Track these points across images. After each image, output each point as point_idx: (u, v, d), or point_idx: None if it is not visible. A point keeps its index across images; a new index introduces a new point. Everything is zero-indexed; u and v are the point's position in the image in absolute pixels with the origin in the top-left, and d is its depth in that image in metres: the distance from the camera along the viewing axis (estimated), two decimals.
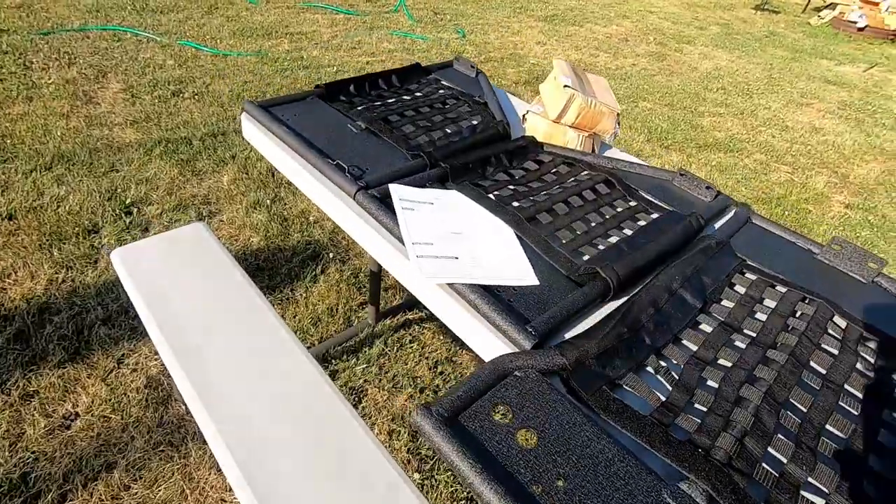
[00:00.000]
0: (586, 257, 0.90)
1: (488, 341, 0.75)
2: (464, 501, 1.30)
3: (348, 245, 2.06)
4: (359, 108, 1.26)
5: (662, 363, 0.74)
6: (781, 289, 0.89)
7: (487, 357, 0.77)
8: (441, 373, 1.61)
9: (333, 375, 1.55)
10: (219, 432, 0.91)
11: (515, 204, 1.00)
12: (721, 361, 0.75)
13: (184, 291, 1.17)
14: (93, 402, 1.37)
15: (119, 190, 2.12)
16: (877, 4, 8.25)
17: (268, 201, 2.20)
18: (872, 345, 0.81)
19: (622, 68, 4.84)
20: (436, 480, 1.34)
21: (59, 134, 2.40)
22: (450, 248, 0.86)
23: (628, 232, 0.99)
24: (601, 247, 0.93)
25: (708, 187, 1.13)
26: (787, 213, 2.83)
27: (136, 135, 2.51)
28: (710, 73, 5.11)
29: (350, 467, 0.89)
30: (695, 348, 0.77)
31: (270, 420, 0.93)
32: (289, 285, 1.82)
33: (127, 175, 2.21)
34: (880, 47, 7.76)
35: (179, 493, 1.22)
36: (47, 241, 1.81)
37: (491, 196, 1.01)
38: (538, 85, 4.24)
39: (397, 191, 0.96)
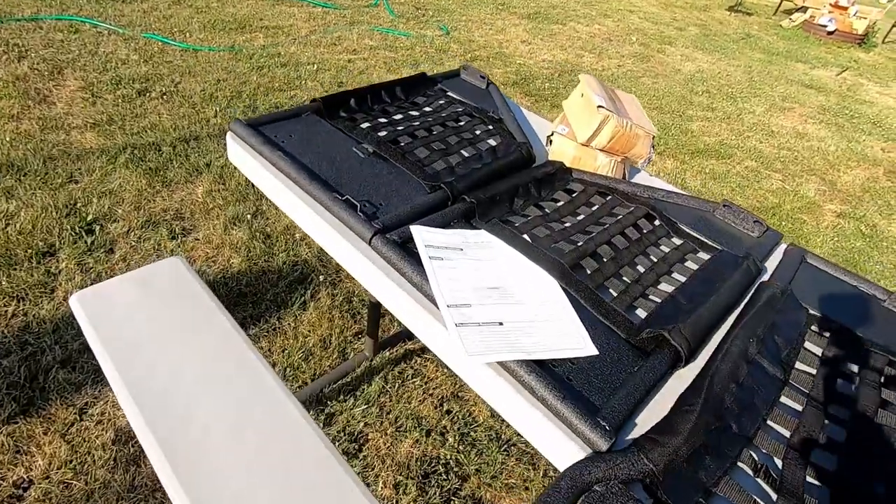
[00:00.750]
0: (641, 312, 0.78)
1: (549, 433, 0.62)
2: None
3: (339, 267, 1.89)
4: (363, 125, 1.11)
5: (756, 456, 0.62)
6: (861, 349, 0.79)
7: (546, 450, 0.64)
8: (448, 412, 1.48)
9: (330, 419, 1.39)
10: None
11: (554, 245, 0.87)
12: (822, 448, 0.64)
13: (157, 342, 1.00)
14: (50, 464, 1.17)
15: (79, 204, 1.89)
16: (845, 9, 8.46)
17: (248, 216, 2.01)
18: None
19: (608, 69, 4.77)
20: None
21: (7, 139, 2.14)
22: (491, 312, 0.72)
23: (680, 278, 0.87)
24: (655, 298, 0.81)
25: (756, 221, 1.02)
26: (783, 223, 2.80)
27: (97, 140, 2.27)
28: (693, 76, 5.09)
29: None
30: (788, 434, 0.65)
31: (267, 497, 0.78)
32: (275, 314, 1.65)
33: (87, 187, 1.98)
34: (849, 51, 7.96)
35: None
36: None
37: (525, 237, 0.88)
38: (526, 86, 4.13)
39: (421, 234, 0.82)
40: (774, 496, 0.58)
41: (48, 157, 2.09)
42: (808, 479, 0.60)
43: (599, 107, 1.05)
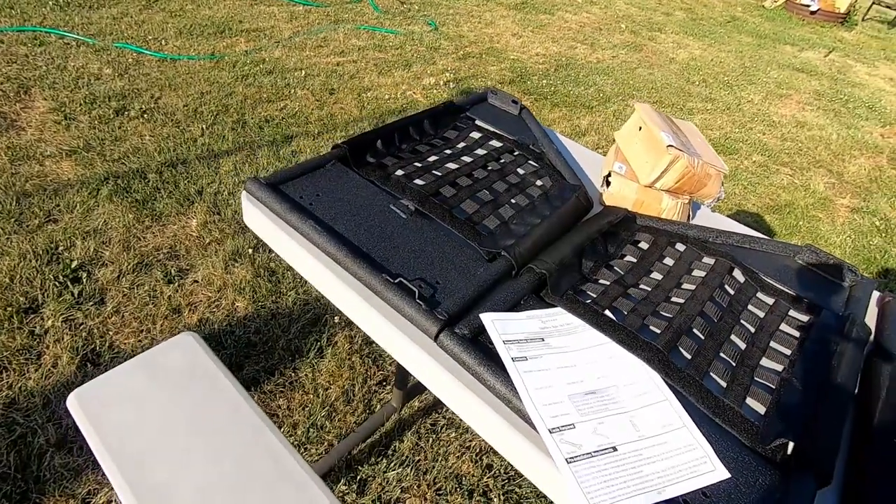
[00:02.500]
0: (755, 405, 0.67)
1: None
2: None
3: None
4: (396, 173, 0.96)
5: None
6: None
7: None
8: (489, 466, 1.36)
9: (363, 487, 1.27)
10: None
11: (643, 324, 0.75)
12: None
13: (171, 442, 0.86)
14: None
15: (61, 248, 1.71)
16: None
17: (249, 250, 1.85)
18: None
19: (603, 61, 4.64)
20: None
21: None
22: (599, 430, 0.60)
23: (784, 351, 0.76)
24: (765, 381, 0.70)
25: (849, 269, 0.92)
26: (799, 222, 2.73)
27: (75, 169, 2.07)
28: (688, 64, 5.00)
29: None
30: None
31: None
32: (290, 364, 1.51)
33: (69, 226, 1.80)
34: (832, 30, 7.95)
35: None
36: None
37: (608, 313, 0.76)
38: (523, 84, 3.98)
39: (496, 326, 0.69)
40: None
41: (21, 193, 1.90)
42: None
43: (669, 146, 0.92)
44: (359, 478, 1.28)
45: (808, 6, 8.46)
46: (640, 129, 1.01)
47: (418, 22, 4.62)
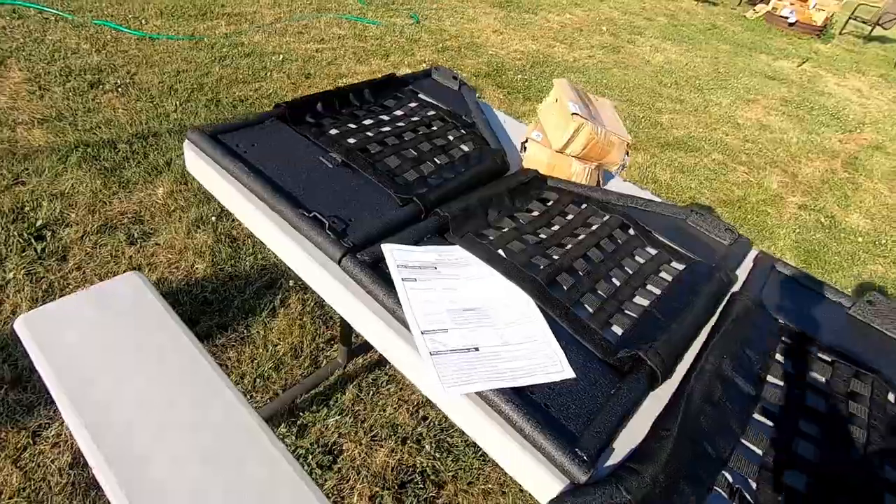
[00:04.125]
0: (617, 329, 0.78)
1: (528, 465, 0.60)
2: None
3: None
4: (330, 132, 1.06)
5: (730, 478, 0.62)
6: (828, 360, 0.80)
7: (524, 481, 0.63)
8: (424, 418, 1.46)
9: (303, 431, 1.36)
10: None
11: (530, 261, 0.85)
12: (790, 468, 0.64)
13: (114, 367, 0.94)
14: (1, 493, 1.11)
15: (27, 209, 1.77)
16: (805, 1, 8.70)
17: (213, 218, 1.93)
18: None
19: (579, 60, 4.78)
20: None
21: None
22: (467, 336, 0.70)
23: (655, 290, 0.87)
24: (631, 313, 0.80)
25: (727, 229, 1.03)
26: (748, 215, 2.87)
27: (46, 137, 2.13)
28: (662, 67, 5.15)
29: None
30: (761, 453, 0.66)
31: None
32: (243, 322, 1.59)
33: (36, 189, 1.86)
34: (808, 42, 8.20)
35: None
36: None
37: (501, 252, 0.86)
38: (497, 78, 4.09)
39: (393, 254, 0.78)
40: None
41: None
42: (780, 499, 0.60)
43: (574, 114, 1.03)
44: (299, 423, 1.37)
45: (787, 18, 8.72)
46: (556, 101, 1.12)
47: (401, 15, 4.71)
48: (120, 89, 2.56)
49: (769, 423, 0.70)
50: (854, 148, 4.21)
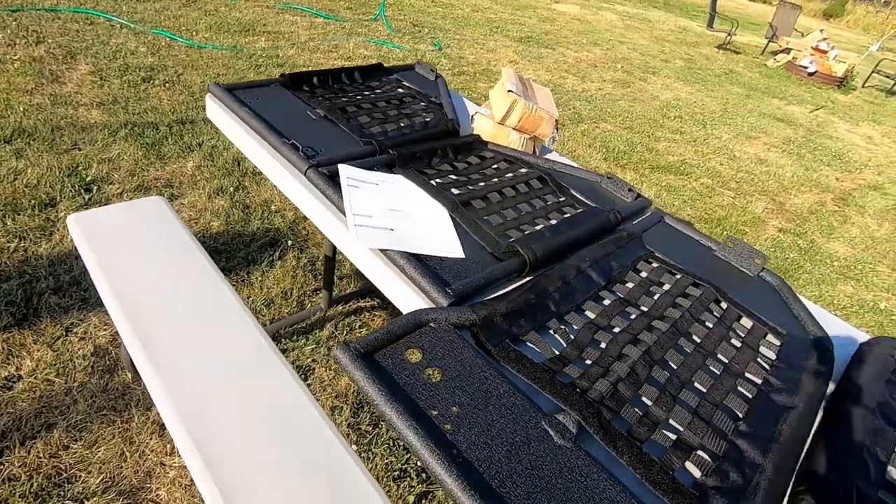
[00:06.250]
0: (512, 239, 1.01)
1: (412, 300, 0.84)
2: (397, 472, 1.38)
3: (307, 234, 2.12)
4: (319, 98, 1.35)
5: (563, 326, 0.85)
6: (678, 274, 1.02)
7: (404, 307, 0.86)
8: None
9: (283, 353, 1.60)
10: (166, 391, 0.96)
11: (455, 191, 1.10)
12: (614, 328, 0.86)
13: (139, 260, 1.22)
14: (37, 366, 1.38)
15: (80, 167, 2.13)
16: (825, 52, 8.90)
17: (231, 189, 2.25)
18: (747, 323, 0.94)
19: (588, 91, 5.09)
20: (372, 453, 1.41)
21: (21, 109, 2.39)
22: (387, 222, 0.95)
23: (553, 222, 1.11)
24: (527, 231, 1.04)
25: (630, 189, 1.26)
26: (725, 231, 3.05)
27: (101, 116, 2.52)
28: (669, 103, 5.42)
29: (293, 429, 0.95)
30: (592, 316, 0.88)
31: (221, 391, 0.98)
32: (245, 268, 1.87)
33: (89, 154, 2.22)
34: (827, 92, 8.36)
35: (119, 455, 1.25)
36: (1, 211, 1.81)
37: (433, 182, 1.12)
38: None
39: (345, 170, 1.05)
40: (565, 344, 0.80)
41: (56, 126, 2.33)
42: (595, 337, 0.82)
43: (509, 91, 1.30)
44: (281, 347, 1.62)
45: (806, 67, 8.92)
46: (503, 84, 1.39)
47: (425, 42, 5.15)
48: (167, 85, 2.97)
49: (608, 302, 0.92)
50: (850, 186, 4.34)
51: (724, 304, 0.97)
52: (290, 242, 2.03)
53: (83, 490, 1.17)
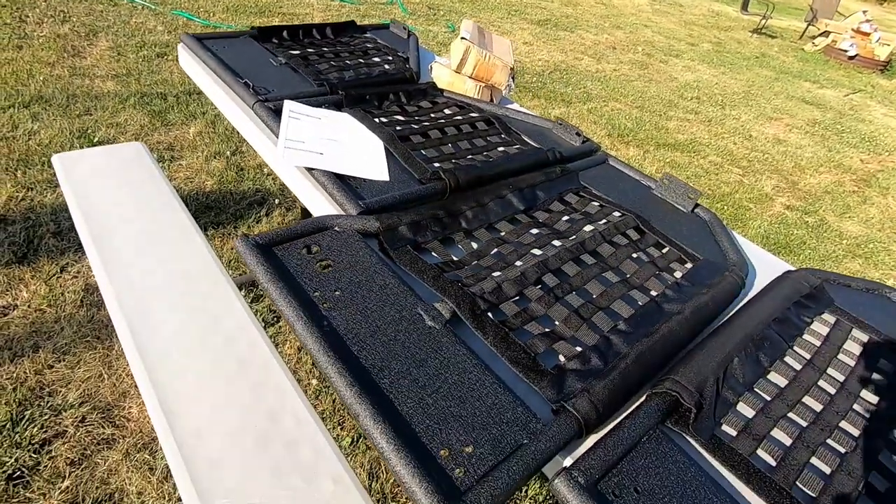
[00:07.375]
0: (438, 166, 1.05)
1: (327, 210, 0.90)
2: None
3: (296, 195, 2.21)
4: (286, 49, 1.42)
5: (468, 240, 0.89)
6: (603, 205, 1.04)
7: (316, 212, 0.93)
8: None
9: (258, 298, 1.70)
10: (131, 334, 1.05)
11: (398, 128, 1.15)
12: (522, 244, 0.90)
13: (115, 201, 1.32)
14: (32, 297, 1.52)
15: (89, 131, 2.28)
16: (867, 35, 8.45)
17: (228, 153, 2.36)
18: (665, 250, 0.96)
19: (602, 72, 5.02)
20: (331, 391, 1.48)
21: (41, 79, 2.57)
22: (318, 147, 1.01)
23: (492, 157, 1.14)
24: (460, 164, 1.08)
25: (578, 133, 1.28)
26: (727, 208, 2.99)
27: (115, 87, 2.67)
28: (689, 84, 5.28)
29: (251, 375, 1.03)
30: (503, 233, 0.92)
31: (187, 337, 1.06)
32: (232, 223, 1.98)
33: (99, 119, 2.38)
34: (868, 76, 7.94)
35: (97, 376, 1.37)
36: (14, 165, 1.96)
37: (377, 120, 1.17)
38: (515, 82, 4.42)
39: (290, 104, 1.12)
40: (466, 253, 0.85)
41: (72, 95, 2.50)
42: (500, 250, 0.86)
43: (462, 38, 1.34)
44: (255, 294, 1.71)
45: (846, 51, 8.50)
46: (459, 35, 1.43)
47: (439, 24, 5.18)
48: None
49: (522, 222, 0.95)
50: (875, 168, 4.15)
51: (643, 230, 0.99)
52: (277, 201, 2.13)
53: (62, 402, 1.29)
